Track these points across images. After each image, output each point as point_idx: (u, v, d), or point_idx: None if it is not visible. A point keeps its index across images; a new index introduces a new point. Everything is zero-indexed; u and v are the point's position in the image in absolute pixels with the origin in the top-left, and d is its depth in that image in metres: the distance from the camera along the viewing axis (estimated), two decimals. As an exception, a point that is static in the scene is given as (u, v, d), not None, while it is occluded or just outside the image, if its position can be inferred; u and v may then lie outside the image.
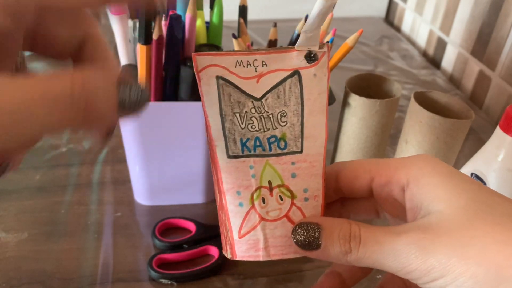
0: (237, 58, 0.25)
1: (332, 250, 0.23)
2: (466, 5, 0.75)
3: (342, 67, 0.78)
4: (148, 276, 0.40)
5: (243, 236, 0.27)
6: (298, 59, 0.25)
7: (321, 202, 0.28)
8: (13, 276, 0.40)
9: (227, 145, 0.26)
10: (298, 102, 0.26)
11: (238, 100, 0.26)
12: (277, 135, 0.27)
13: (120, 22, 0.42)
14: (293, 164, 0.27)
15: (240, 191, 0.27)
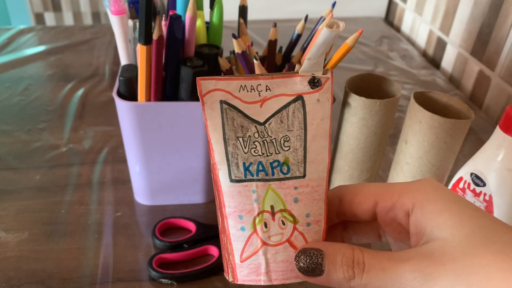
0: (241, 83, 0.25)
1: (335, 276, 0.23)
2: (466, 5, 0.75)
3: (342, 67, 0.78)
4: (148, 276, 0.40)
5: (244, 260, 0.27)
6: (301, 84, 0.26)
7: (323, 227, 0.28)
8: (13, 276, 0.40)
9: (230, 169, 0.26)
10: (301, 127, 0.26)
11: (241, 125, 0.26)
12: (280, 160, 0.27)
13: (120, 22, 0.42)
14: (296, 189, 0.27)
15: (242, 215, 0.27)
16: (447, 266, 0.20)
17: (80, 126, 0.61)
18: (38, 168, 0.53)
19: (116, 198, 0.49)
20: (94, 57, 0.80)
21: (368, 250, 0.23)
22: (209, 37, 0.44)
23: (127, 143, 0.44)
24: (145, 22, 0.37)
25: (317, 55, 0.24)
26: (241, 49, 0.40)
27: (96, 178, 0.52)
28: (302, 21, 0.45)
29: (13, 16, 1.12)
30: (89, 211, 0.48)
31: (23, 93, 0.68)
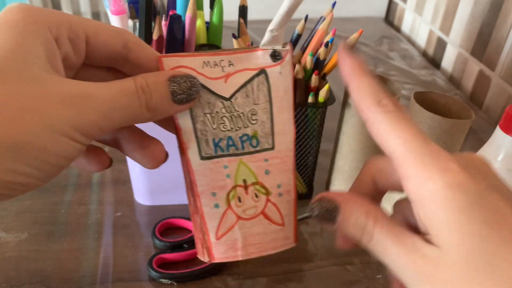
0: (204, 59, 0.25)
1: (345, 232, 0.23)
2: (466, 5, 0.75)
3: (342, 67, 0.78)
4: (148, 276, 0.40)
5: (220, 237, 0.27)
6: (263, 58, 0.26)
7: (294, 197, 0.29)
8: (13, 276, 0.40)
9: (200, 147, 0.26)
10: (267, 100, 0.27)
11: (208, 101, 0.26)
12: (249, 134, 0.27)
13: (120, 22, 0.42)
14: (266, 161, 0.28)
15: (216, 192, 0.27)
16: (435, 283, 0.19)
17: (80, 126, 0.61)
18: (38, 168, 0.53)
19: (116, 198, 0.49)
20: (94, 57, 0.80)
21: (382, 221, 0.22)
22: (209, 37, 0.44)
23: (127, 143, 0.44)
24: (145, 22, 0.37)
25: (279, 26, 0.24)
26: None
27: (96, 178, 0.52)
28: (302, 21, 0.45)
29: (13, 16, 1.12)
30: (89, 211, 0.48)
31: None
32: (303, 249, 0.44)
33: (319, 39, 0.43)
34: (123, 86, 0.22)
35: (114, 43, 0.24)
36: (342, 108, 0.46)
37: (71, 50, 0.23)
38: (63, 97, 0.20)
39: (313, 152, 0.47)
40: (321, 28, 0.43)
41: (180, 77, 0.24)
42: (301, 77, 0.41)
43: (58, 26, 0.22)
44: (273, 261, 0.43)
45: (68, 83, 0.20)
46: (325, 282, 0.41)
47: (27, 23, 0.20)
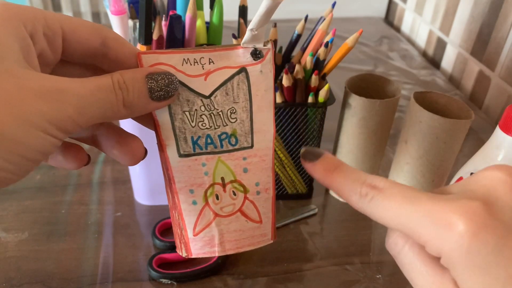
0: (184, 56, 0.25)
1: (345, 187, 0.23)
2: (465, 6, 0.75)
3: (342, 67, 0.78)
4: (148, 276, 0.40)
5: (198, 233, 0.28)
6: (244, 56, 0.26)
7: (272, 194, 0.29)
8: (13, 276, 0.40)
9: (178, 144, 0.27)
10: (247, 99, 0.27)
11: (187, 99, 0.26)
12: (228, 132, 0.27)
13: (120, 22, 0.42)
14: (245, 159, 0.28)
15: (193, 189, 0.27)
16: None
17: (80, 126, 0.61)
18: (38, 168, 0.53)
19: (116, 198, 0.49)
20: (94, 57, 0.80)
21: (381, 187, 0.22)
22: (209, 37, 0.44)
23: (127, 143, 0.44)
24: (145, 22, 0.37)
25: (258, 26, 0.24)
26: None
27: (96, 178, 0.52)
28: (302, 21, 0.45)
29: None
30: (89, 211, 0.48)
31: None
32: (303, 249, 0.44)
33: (319, 39, 0.43)
34: (99, 82, 0.21)
35: (92, 40, 0.23)
36: (342, 108, 0.46)
37: (46, 47, 0.22)
38: (38, 91, 0.19)
39: (313, 152, 0.47)
40: (321, 28, 0.43)
41: (158, 74, 0.23)
42: (301, 77, 0.41)
43: (33, 22, 0.21)
44: (273, 261, 0.43)
45: (44, 78, 0.20)
46: (325, 282, 0.41)
47: (1, 19, 0.20)
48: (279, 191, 0.49)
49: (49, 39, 0.22)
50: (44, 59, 0.23)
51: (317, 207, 0.49)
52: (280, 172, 0.48)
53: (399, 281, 0.41)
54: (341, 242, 0.45)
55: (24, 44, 0.21)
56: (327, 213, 0.49)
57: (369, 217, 0.22)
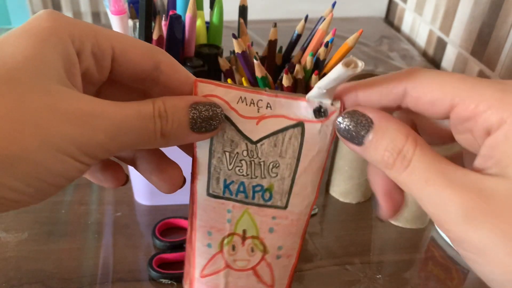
0: (241, 94, 0.23)
1: (373, 156, 0.20)
2: (466, 5, 0.75)
3: (342, 67, 0.78)
4: (148, 276, 0.40)
5: (204, 276, 0.27)
6: (305, 111, 0.23)
7: (294, 262, 0.26)
8: (13, 276, 0.40)
9: (209, 183, 0.25)
10: (295, 156, 0.24)
11: (232, 139, 0.24)
12: (264, 185, 0.24)
13: (120, 22, 0.42)
14: (274, 218, 0.25)
15: (212, 232, 0.26)
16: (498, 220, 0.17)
17: (80, 126, 0.61)
18: (38, 168, 0.53)
19: (116, 198, 0.49)
20: (94, 57, 0.80)
21: (423, 146, 0.19)
22: (209, 37, 0.44)
23: (127, 143, 0.44)
24: (145, 22, 0.37)
25: (327, 87, 0.21)
26: (241, 49, 0.40)
27: (96, 178, 0.52)
28: (302, 21, 0.45)
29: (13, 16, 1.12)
30: (89, 211, 0.48)
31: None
32: (303, 249, 0.44)
33: (319, 39, 0.43)
34: (140, 108, 0.20)
35: (144, 63, 0.22)
36: (342, 108, 0.46)
37: (93, 65, 0.21)
38: (71, 113, 0.18)
39: (313, 152, 0.47)
40: (321, 28, 0.43)
41: (203, 104, 0.22)
42: (301, 77, 0.41)
43: (83, 38, 0.20)
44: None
45: (81, 99, 0.19)
46: (325, 282, 0.41)
47: (50, 32, 0.19)
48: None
49: (97, 58, 0.21)
50: (89, 78, 0.22)
51: (317, 207, 0.49)
52: (280, 172, 0.47)
53: (399, 281, 0.41)
54: (341, 242, 0.45)
55: (68, 60, 0.20)
56: (327, 213, 0.49)
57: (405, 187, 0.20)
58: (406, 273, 0.42)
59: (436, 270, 0.43)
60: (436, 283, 0.42)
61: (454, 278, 0.42)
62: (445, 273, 0.43)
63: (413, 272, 0.42)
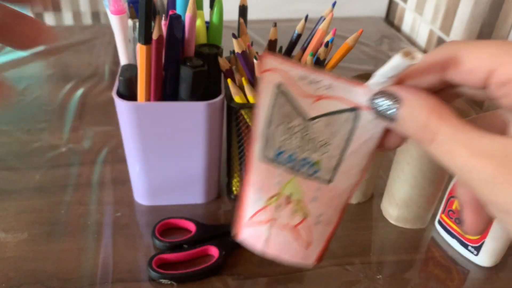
0: (304, 74, 0.24)
1: (405, 132, 0.21)
2: (466, 5, 0.75)
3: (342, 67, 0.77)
4: (148, 276, 0.40)
5: (250, 225, 0.29)
6: (363, 97, 0.23)
7: (332, 230, 0.28)
8: (13, 276, 0.40)
9: (264, 148, 0.27)
10: (345, 139, 0.25)
11: (288, 113, 0.25)
12: (313, 160, 0.26)
13: (120, 22, 0.42)
14: (318, 190, 0.27)
15: (262, 189, 0.28)
16: None
17: (79, 126, 0.61)
18: (38, 168, 0.53)
19: (115, 198, 0.49)
20: (94, 57, 0.80)
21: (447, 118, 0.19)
22: (209, 36, 0.44)
23: (127, 143, 0.44)
24: (144, 22, 0.37)
25: (387, 76, 0.22)
26: (241, 49, 0.40)
27: (96, 178, 0.52)
28: (302, 21, 0.45)
29: (13, 16, 1.12)
30: (89, 211, 0.48)
31: (23, 93, 0.68)
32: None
33: (319, 39, 0.43)
34: None
35: None
36: (342, 108, 0.46)
37: None
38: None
39: (313, 152, 0.47)
40: (321, 28, 0.43)
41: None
42: (301, 77, 0.41)
43: None
44: (273, 261, 0.43)
45: None
46: (325, 282, 0.41)
47: None
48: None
49: None
50: None
51: (317, 207, 0.49)
52: (280, 172, 0.47)
53: (399, 281, 0.41)
54: (341, 242, 0.45)
55: None
56: (327, 213, 0.49)
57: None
58: (406, 273, 0.42)
59: (436, 271, 0.43)
60: (436, 284, 0.41)
61: (455, 279, 0.42)
62: (446, 273, 0.43)
63: (413, 273, 0.42)
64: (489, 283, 0.42)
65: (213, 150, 0.45)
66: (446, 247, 0.45)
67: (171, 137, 0.43)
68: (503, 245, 0.42)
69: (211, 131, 0.43)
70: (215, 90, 0.43)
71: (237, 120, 0.44)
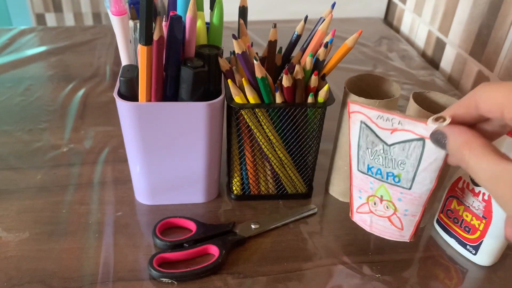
0: (380, 114, 0.34)
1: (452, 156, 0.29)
2: (465, 6, 0.75)
3: (341, 67, 0.78)
4: (149, 275, 0.41)
5: (358, 213, 0.42)
6: (426, 130, 0.32)
7: (418, 219, 0.38)
8: (14, 276, 0.40)
9: (358, 164, 0.38)
10: (417, 159, 0.34)
11: (372, 141, 0.36)
12: (395, 173, 0.36)
13: (121, 22, 0.43)
14: (401, 193, 0.37)
15: (361, 191, 0.40)
16: None
17: (81, 126, 0.62)
18: (39, 168, 0.54)
19: (116, 198, 0.50)
20: (95, 57, 0.80)
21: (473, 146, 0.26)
22: (209, 37, 0.45)
23: (128, 143, 0.45)
24: (145, 23, 0.37)
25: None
26: (241, 49, 0.40)
27: (97, 178, 0.52)
28: (301, 21, 0.45)
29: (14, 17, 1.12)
30: (90, 210, 0.48)
31: (24, 94, 0.68)
32: (302, 248, 0.44)
33: (319, 39, 0.43)
34: None
35: None
36: (341, 108, 0.46)
37: None
38: None
39: (313, 152, 0.47)
40: (320, 28, 0.43)
41: None
42: (300, 77, 0.41)
43: None
44: (273, 260, 0.43)
45: None
46: (325, 281, 0.41)
47: None
48: (279, 191, 0.50)
49: None
50: None
51: (316, 207, 0.49)
52: (280, 172, 0.48)
53: (398, 281, 0.42)
54: (341, 241, 0.45)
55: None
56: (326, 213, 0.49)
57: None
58: (405, 272, 0.42)
59: (435, 270, 0.43)
60: (435, 282, 0.42)
61: (453, 278, 0.42)
62: (444, 272, 0.43)
63: (412, 272, 0.43)
64: (488, 282, 0.42)
65: (213, 150, 0.45)
66: (445, 246, 0.45)
67: (171, 137, 0.43)
68: (501, 245, 0.42)
69: (212, 131, 0.43)
70: (216, 91, 0.44)
71: (237, 120, 0.44)
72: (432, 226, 0.48)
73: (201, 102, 0.41)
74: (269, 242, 0.45)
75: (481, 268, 0.43)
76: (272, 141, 0.45)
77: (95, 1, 0.97)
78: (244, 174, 0.48)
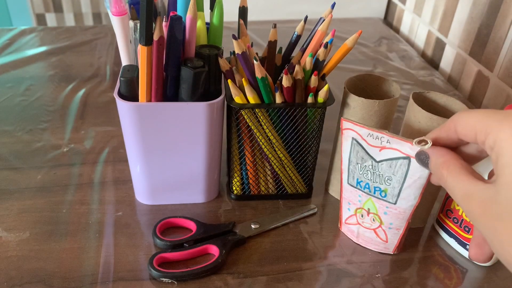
0: (370, 132, 0.37)
1: (433, 173, 0.31)
2: (464, 6, 0.75)
3: (341, 67, 0.78)
4: (149, 275, 0.41)
5: (346, 224, 0.45)
6: (412, 150, 0.35)
7: (401, 233, 0.41)
8: (14, 275, 0.40)
9: (348, 177, 0.41)
10: (402, 176, 0.37)
11: (362, 157, 0.39)
12: (381, 188, 0.39)
13: (121, 23, 0.43)
14: (387, 207, 0.40)
15: (350, 203, 0.43)
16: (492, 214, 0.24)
17: (81, 126, 0.62)
18: (40, 168, 0.54)
19: (117, 198, 0.50)
20: (95, 57, 0.81)
21: (451, 167, 0.29)
22: (209, 38, 0.45)
23: (128, 143, 0.45)
24: (146, 23, 0.38)
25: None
26: (241, 50, 0.40)
27: (97, 178, 0.52)
28: (301, 22, 0.45)
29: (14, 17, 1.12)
30: (90, 210, 0.48)
31: (25, 94, 0.69)
32: (302, 248, 0.44)
33: (319, 40, 0.43)
34: None
35: None
36: (341, 109, 0.47)
37: None
38: None
39: (313, 152, 0.47)
40: (320, 29, 0.43)
41: None
42: (300, 77, 0.41)
43: None
44: (273, 260, 0.43)
45: None
46: (325, 281, 0.41)
47: None
48: (279, 191, 0.50)
49: None
50: None
51: (316, 207, 0.49)
52: (280, 172, 0.48)
53: (398, 280, 0.42)
54: (341, 241, 0.46)
55: None
56: (326, 213, 0.49)
57: None
58: (405, 272, 0.43)
59: (434, 269, 0.43)
60: (434, 282, 0.42)
61: (453, 277, 0.42)
62: (444, 272, 0.43)
63: (412, 271, 0.43)
64: (487, 282, 0.42)
65: (213, 150, 0.45)
66: (445, 246, 0.46)
67: (172, 137, 0.43)
68: (500, 244, 0.42)
69: (212, 131, 0.44)
70: (216, 91, 0.44)
71: (237, 121, 0.44)
72: (432, 226, 0.48)
73: (201, 102, 0.41)
74: (269, 242, 0.45)
75: (481, 268, 0.43)
76: (272, 141, 0.46)
77: (95, 1, 0.97)
78: (244, 174, 0.48)
